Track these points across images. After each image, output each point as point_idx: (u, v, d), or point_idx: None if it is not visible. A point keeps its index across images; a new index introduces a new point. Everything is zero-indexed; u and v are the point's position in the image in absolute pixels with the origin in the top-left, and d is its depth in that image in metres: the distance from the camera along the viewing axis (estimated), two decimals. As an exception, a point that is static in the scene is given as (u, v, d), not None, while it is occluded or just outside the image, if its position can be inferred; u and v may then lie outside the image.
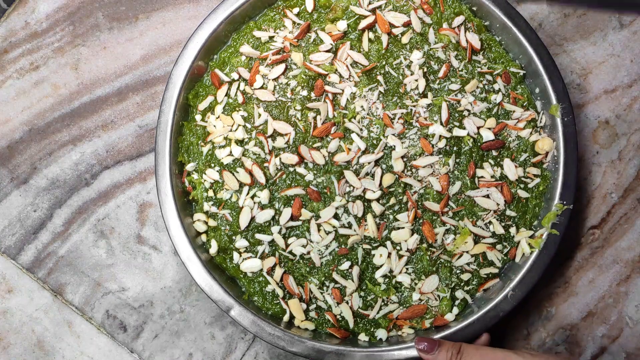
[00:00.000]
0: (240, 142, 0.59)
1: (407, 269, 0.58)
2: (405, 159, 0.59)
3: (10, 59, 0.66)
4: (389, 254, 0.58)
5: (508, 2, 0.60)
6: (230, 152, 0.59)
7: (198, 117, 0.60)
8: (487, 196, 0.58)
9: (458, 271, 0.58)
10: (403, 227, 0.58)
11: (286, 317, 0.58)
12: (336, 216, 0.58)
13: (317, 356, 0.55)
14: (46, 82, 0.66)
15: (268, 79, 0.60)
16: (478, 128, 0.59)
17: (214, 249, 0.59)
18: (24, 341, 0.63)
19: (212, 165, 0.59)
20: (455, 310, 0.58)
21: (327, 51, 0.60)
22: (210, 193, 0.59)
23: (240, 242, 0.58)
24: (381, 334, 0.57)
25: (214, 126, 0.60)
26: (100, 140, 0.65)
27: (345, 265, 0.58)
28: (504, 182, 0.59)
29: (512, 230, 0.59)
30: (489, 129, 0.59)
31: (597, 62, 0.66)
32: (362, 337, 0.58)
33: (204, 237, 0.59)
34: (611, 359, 0.63)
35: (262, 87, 0.60)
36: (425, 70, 0.60)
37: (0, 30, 0.66)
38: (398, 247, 0.58)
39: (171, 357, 0.62)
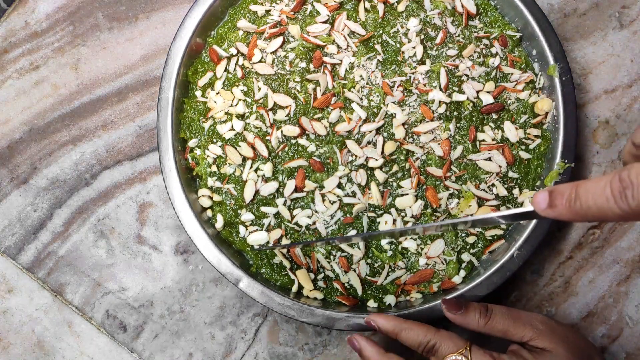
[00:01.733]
0: (241, 117, 0.59)
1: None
2: (406, 126, 0.59)
3: (10, 59, 0.66)
4: (394, 220, 0.58)
5: (502, -34, 0.60)
6: (232, 126, 0.59)
7: (198, 93, 0.60)
8: (489, 159, 0.59)
9: (463, 234, 0.58)
10: (407, 194, 0.58)
11: (295, 288, 0.58)
12: (340, 186, 0.58)
13: (327, 324, 0.56)
14: (46, 82, 0.66)
15: (266, 53, 0.60)
16: (477, 92, 0.59)
17: (219, 223, 0.59)
18: (24, 341, 0.63)
19: (214, 140, 0.59)
20: (462, 273, 0.58)
21: (324, 22, 0.60)
22: (214, 168, 0.59)
23: (246, 216, 0.59)
24: (390, 299, 0.58)
25: (215, 102, 0.60)
26: (100, 140, 0.65)
27: (351, 233, 0.58)
28: (505, 144, 0.59)
29: (515, 191, 0.59)
30: (488, 92, 0.59)
31: (597, 62, 0.65)
32: (371, 303, 0.58)
33: (209, 212, 0.60)
34: (611, 359, 0.63)
35: (260, 61, 0.60)
36: (422, 37, 0.60)
37: (0, 30, 0.66)
38: (403, 214, 0.58)
39: (171, 357, 0.62)
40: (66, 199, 0.64)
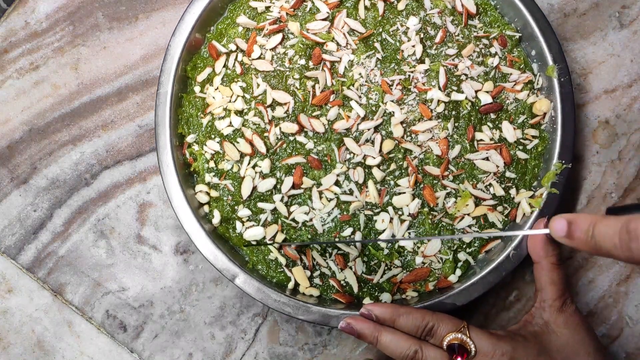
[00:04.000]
0: (240, 113, 0.59)
1: (409, 233, 0.58)
2: (404, 125, 0.59)
3: (10, 59, 0.66)
4: (391, 219, 0.58)
5: (502, -34, 0.60)
6: (230, 122, 0.59)
7: (197, 88, 0.60)
8: (487, 159, 0.59)
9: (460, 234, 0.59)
10: (404, 192, 0.58)
11: (291, 285, 0.58)
12: (337, 183, 0.58)
13: (323, 321, 0.56)
14: (46, 82, 0.65)
15: (265, 49, 0.60)
16: (476, 92, 0.59)
17: (216, 219, 0.59)
18: (24, 341, 0.63)
19: (213, 136, 0.59)
20: (458, 272, 0.58)
21: (324, 19, 0.60)
22: (212, 164, 0.59)
23: (243, 212, 0.59)
24: (385, 297, 0.58)
25: (213, 97, 0.60)
26: (100, 140, 0.65)
27: (348, 231, 0.58)
28: (502, 144, 0.59)
29: (512, 191, 0.59)
30: (487, 92, 0.59)
31: (597, 62, 0.66)
32: (367, 301, 0.58)
33: (206, 208, 0.60)
34: (611, 359, 0.63)
35: (259, 58, 0.60)
36: (421, 36, 0.60)
37: (0, 30, 0.66)
38: (400, 212, 0.58)
39: (171, 357, 0.63)
40: (66, 199, 0.64)
